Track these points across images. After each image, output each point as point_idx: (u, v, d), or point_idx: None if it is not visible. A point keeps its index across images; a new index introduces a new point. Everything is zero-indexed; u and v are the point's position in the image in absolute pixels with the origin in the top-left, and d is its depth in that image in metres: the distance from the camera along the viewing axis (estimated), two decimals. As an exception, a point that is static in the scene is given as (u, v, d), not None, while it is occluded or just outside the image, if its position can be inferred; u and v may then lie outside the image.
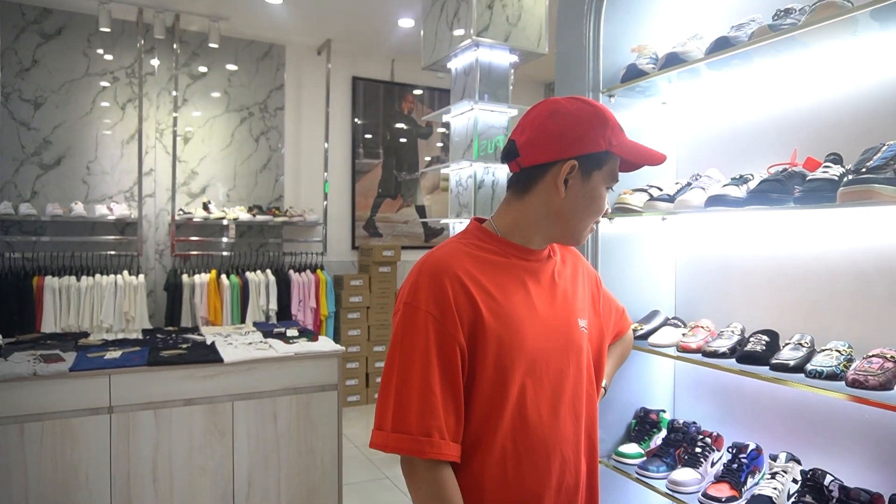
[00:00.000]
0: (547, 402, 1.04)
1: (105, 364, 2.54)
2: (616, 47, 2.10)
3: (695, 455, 1.87)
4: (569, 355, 1.09)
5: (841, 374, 1.43)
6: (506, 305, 1.02)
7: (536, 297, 1.07)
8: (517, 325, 1.02)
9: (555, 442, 1.05)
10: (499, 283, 1.04)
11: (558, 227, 1.09)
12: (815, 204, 1.42)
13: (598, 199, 1.08)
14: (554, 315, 1.08)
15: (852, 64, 1.66)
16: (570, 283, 1.16)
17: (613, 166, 1.09)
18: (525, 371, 1.02)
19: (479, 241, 1.09)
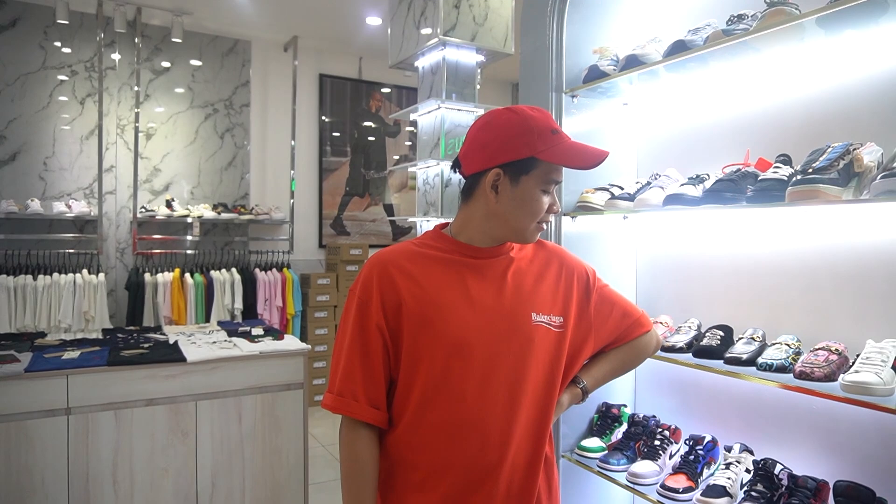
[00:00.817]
0: (474, 383, 1.13)
1: (63, 364, 2.48)
2: (578, 49, 2.14)
3: (654, 448, 1.92)
4: (509, 344, 1.15)
5: (790, 367, 1.49)
6: (433, 294, 1.14)
7: (475, 289, 1.17)
8: (442, 311, 1.13)
9: (477, 420, 1.12)
10: (431, 275, 1.16)
11: (500, 229, 1.19)
12: (766, 203, 1.48)
13: (530, 201, 1.15)
14: (495, 306, 1.16)
15: (800, 69, 1.73)
16: (530, 279, 1.22)
17: (546, 170, 1.15)
18: (448, 353, 1.12)
19: (431, 240, 1.22)
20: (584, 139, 2.20)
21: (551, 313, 1.20)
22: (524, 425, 1.16)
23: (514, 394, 1.15)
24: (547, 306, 1.21)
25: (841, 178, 1.39)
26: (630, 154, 2.30)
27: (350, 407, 1.14)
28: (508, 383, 1.14)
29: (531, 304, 1.19)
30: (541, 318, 1.19)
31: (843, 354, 1.46)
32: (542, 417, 1.18)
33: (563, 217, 2.13)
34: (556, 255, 1.29)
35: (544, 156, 1.12)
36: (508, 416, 1.14)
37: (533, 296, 1.20)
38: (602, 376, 1.32)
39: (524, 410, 1.16)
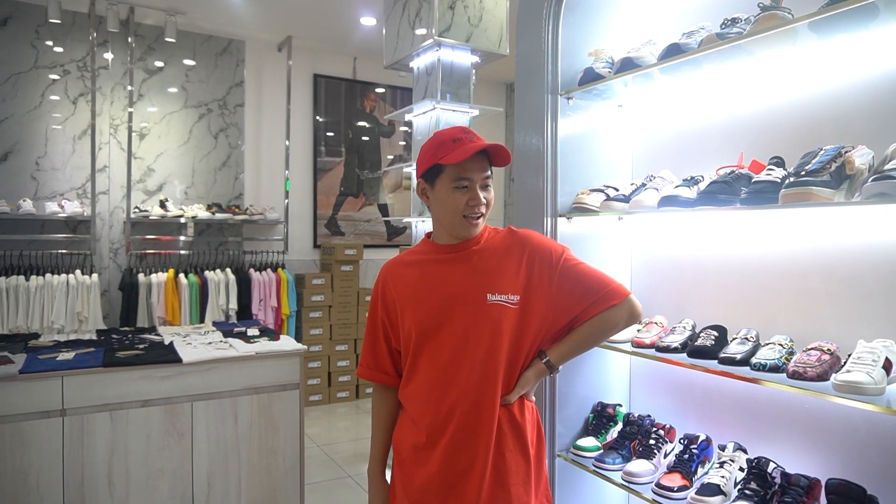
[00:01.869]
0: (438, 354, 1.40)
1: (57, 366, 2.47)
2: (574, 51, 2.16)
3: (649, 447, 1.93)
4: (464, 322, 1.39)
5: (783, 367, 1.51)
6: (412, 290, 1.45)
7: (442, 280, 1.42)
8: (416, 302, 1.43)
9: (438, 383, 1.40)
10: (413, 275, 1.46)
11: (442, 227, 1.45)
12: (760, 205, 1.50)
13: (446, 200, 1.39)
14: (455, 292, 1.41)
15: (793, 72, 1.75)
16: (492, 264, 1.42)
17: (450, 172, 1.38)
18: (420, 333, 1.41)
19: (420, 247, 1.53)
20: (579, 141, 2.24)
21: (509, 292, 1.39)
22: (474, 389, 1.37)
23: (466, 362, 1.38)
24: (503, 286, 1.39)
25: (833, 180, 1.41)
26: (625, 156, 2.32)
27: (367, 373, 1.53)
28: (461, 353, 1.38)
29: (488, 286, 1.39)
30: (497, 298, 1.38)
31: (835, 354, 1.49)
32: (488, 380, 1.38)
33: (559, 218, 2.14)
34: (521, 240, 1.46)
35: (443, 161, 1.37)
36: (470, 377, 1.38)
37: (492, 278, 1.40)
38: (567, 350, 1.45)
39: (475, 375, 1.38)
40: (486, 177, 1.41)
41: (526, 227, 2.23)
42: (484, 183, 1.40)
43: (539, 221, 2.17)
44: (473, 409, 1.38)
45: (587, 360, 2.23)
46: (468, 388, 1.38)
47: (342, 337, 5.38)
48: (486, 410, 1.38)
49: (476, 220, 1.40)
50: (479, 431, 1.37)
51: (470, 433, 1.38)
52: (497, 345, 1.38)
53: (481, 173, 1.39)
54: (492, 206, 1.44)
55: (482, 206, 1.40)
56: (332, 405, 5.29)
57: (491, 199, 1.43)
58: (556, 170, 2.16)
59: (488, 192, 1.42)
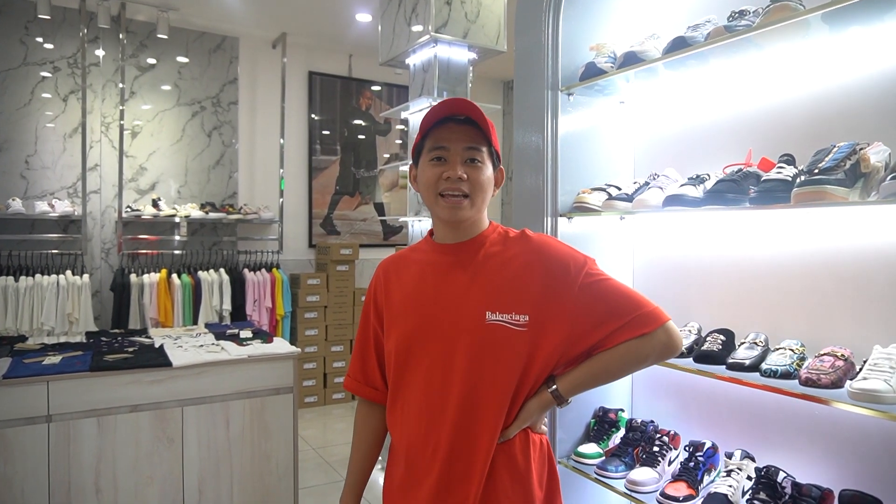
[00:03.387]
0: (419, 378, 1.20)
1: (43, 370, 2.40)
2: (575, 45, 2.09)
3: (652, 454, 1.87)
4: (455, 343, 1.17)
5: (794, 373, 1.45)
6: (404, 296, 1.26)
7: (438, 289, 1.22)
8: (405, 311, 1.24)
9: (439, 413, 1.18)
10: (408, 277, 1.28)
11: (432, 214, 1.26)
12: (770, 204, 1.44)
13: (423, 176, 1.22)
14: (450, 306, 1.19)
15: (804, 66, 1.69)
16: (496, 277, 1.20)
17: (429, 143, 1.22)
18: (404, 349, 1.22)
19: (421, 244, 1.33)
20: (580, 138, 2.17)
21: (513, 311, 1.15)
22: (457, 423, 1.16)
23: (457, 391, 1.16)
24: (509, 303, 1.16)
25: (848, 178, 1.35)
26: (627, 154, 2.25)
27: (353, 386, 1.35)
28: (449, 380, 1.17)
29: (488, 302, 1.17)
30: (497, 317, 1.15)
31: (850, 360, 1.43)
32: (477, 416, 1.16)
33: (560, 218, 2.08)
34: (535, 247, 1.21)
35: (420, 136, 1.23)
36: (452, 412, 1.17)
37: (494, 292, 1.17)
38: (582, 381, 1.20)
39: (461, 408, 1.16)
40: (469, 148, 1.18)
41: (525, 227, 2.16)
42: (468, 156, 1.18)
43: (539, 221, 2.10)
44: (464, 447, 1.16)
45: (588, 363, 2.17)
46: (458, 421, 1.16)
47: (338, 338, 5.31)
48: (478, 450, 1.15)
49: (455, 198, 1.17)
50: (469, 474, 1.15)
51: (459, 475, 1.16)
52: (495, 373, 1.15)
53: (461, 143, 1.17)
54: (485, 191, 1.20)
55: (461, 181, 1.16)
56: (327, 407, 5.22)
57: (480, 181, 1.18)
58: (556, 168, 2.09)
59: (475, 170, 1.18)
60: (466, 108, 1.19)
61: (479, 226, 1.25)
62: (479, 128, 1.19)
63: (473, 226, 1.24)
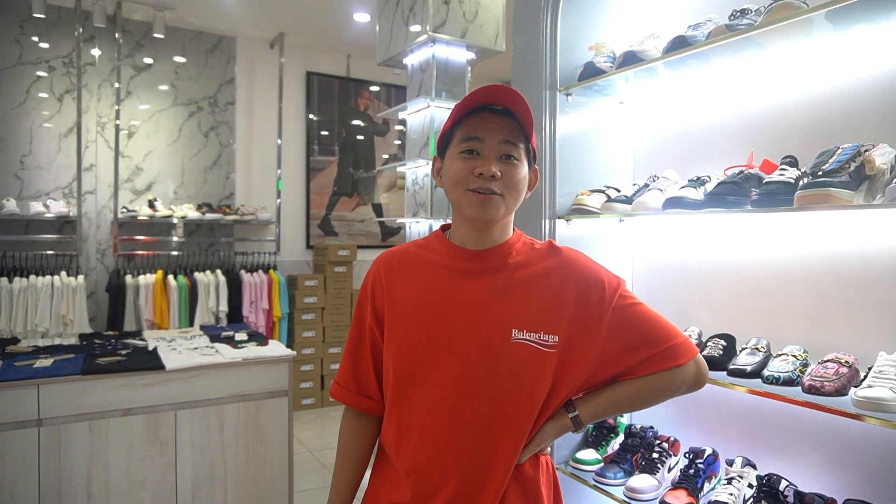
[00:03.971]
0: (432, 393, 1.09)
1: (34, 373, 2.36)
2: (573, 45, 2.06)
3: (652, 461, 1.84)
4: (478, 360, 1.07)
5: (797, 380, 1.42)
6: (414, 298, 1.12)
7: (458, 298, 1.10)
8: (418, 317, 1.11)
9: (450, 435, 1.07)
10: (418, 278, 1.14)
11: (455, 213, 1.14)
12: (773, 207, 1.40)
13: (451, 169, 1.10)
14: (473, 319, 1.08)
15: (806, 66, 1.66)
16: (524, 291, 1.09)
17: (460, 134, 1.09)
18: (414, 360, 1.10)
19: (431, 242, 1.19)
20: (579, 139, 2.14)
21: (542, 331, 1.07)
22: (475, 447, 1.07)
23: (472, 413, 1.06)
24: (536, 323, 1.07)
25: (852, 181, 1.31)
26: (626, 155, 2.22)
27: (342, 394, 1.20)
28: (465, 400, 1.07)
29: (515, 320, 1.07)
30: (524, 336, 1.06)
31: (854, 367, 1.39)
32: (497, 440, 1.06)
33: (558, 220, 2.05)
34: (567, 263, 1.13)
35: (452, 122, 1.10)
36: (465, 436, 1.06)
37: (521, 310, 1.08)
38: (604, 409, 1.13)
39: (478, 430, 1.06)
40: (507, 141, 1.06)
41: (524, 230, 2.12)
42: (504, 151, 1.06)
43: (537, 224, 2.07)
44: (478, 471, 1.06)
45: (587, 368, 2.14)
46: (473, 445, 1.06)
47: (335, 339, 5.27)
48: (494, 474, 1.06)
49: (486, 195, 1.05)
50: (481, 499, 1.06)
51: (469, 500, 1.06)
52: (516, 396, 1.06)
53: (499, 135, 1.05)
54: (519, 192, 1.09)
55: (494, 179, 1.04)
56: (324, 409, 5.18)
57: (515, 181, 1.07)
58: (554, 170, 2.06)
59: (511, 168, 1.06)
60: (507, 96, 1.06)
61: (506, 232, 1.14)
62: (518, 121, 1.08)
63: (501, 231, 1.13)
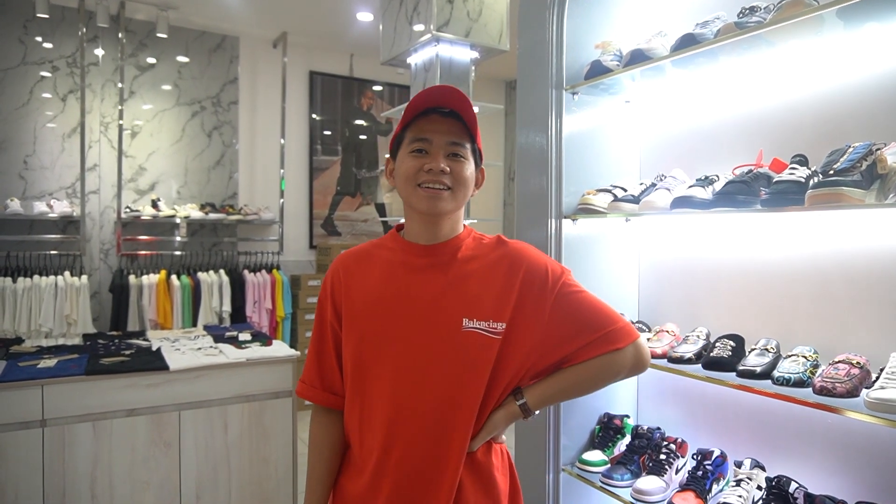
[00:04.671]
0: (388, 384, 1.14)
1: (38, 374, 2.36)
2: (579, 43, 2.05)
3: (659, 462, 1.83)
4: (430, 349, 1.13)
5: (808, 381, 1.40)
6: (368, 295, 1.18)
7: (411, 292, 1.16)
8: (372, 313, 1.17)
9: (405, 422, 1.13)
10: (373, 276, 1.20)
11: (407, 208, 1.20)
12: (783, 206, 1.39)
13: (402, 167, 1.17)
14: (426, 311, 1.15)
15: (817, 64, 1.64)
16: (474, 282, 1.16)
17: (410, 134, 1.17)
18: (370, 353, 1.16)
19: (386, 240, 1.25)
20: (585, 138, 2.13)
21: (490, 319, 1.13)
22: (430, 434, 1.13)
23: (427, 400, 1.13)
24: (485, 311, 1.13)
25: (864, 180, 1.30)
26: (632, 154, 2.21)
27: (308, 392, 1.24)
28: (420, 388, 1.13)
29: (466, 309, 1.14)
30: (474, 325, 1.13)
31: (865, 368, 1.38)
32: (451, 426, 1.12)
33: (564, 220, 2.04)
34: (512, 254, 1.19)
35: (401, 126, 1.18)
36: (416, 421, 1.13)
37: (472, 300, 1.14)
38: (550, 395, 1.19)
39: (433, 419, 1.13)
40: (454, 143, 1.14)
41: (529, 229, 2.12)
42: (450, 150, 1.14)
43: (543, 223, 2.06)
44: (433, 458, 1.12)
45: (593, 368, 2.12)
46: (429, 431, 1.12)
47: (339, 339, 5.25)
48: (449, 461, 1.12)
49: (435, 190, 1.13)
50: (438, 486, 1.11)
51: (425, 486, 1.12)
52: (467, 382, 1.12)
53: (445, 136, 1.14)
54: (466, 187, 1.17)
55: (444, 174, 1.12)
56: (328, 409, 5.16)
57: (463, 177, 1.15)
58: (560, 169, 2.05)
59: (458, 164, 1.15)
60: (452, 99, 1.14)
61: (456, 228, 1.22)
62: (463, 122, 1.17)
63: (451, 226, 1.20)
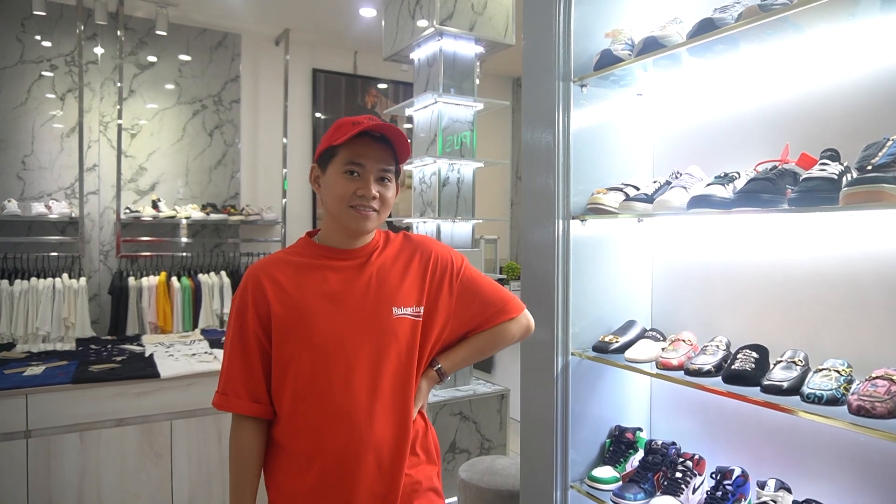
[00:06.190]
0: (339, 378, 1.23)
1: (22, 382, 2.26)
2: (589, 32, 1.92)
3: (675, 481, 1.70)
4: (370, 340, 1.26)
5: (842, 399, 1.27)
6: (297, 301, 1.25)
7: (338, 292, 1.27)
8: (306, 317, 1.24)
9: (344, 412, 1.23)
10: (297, 282, 1.27)
11: (332, 222, 1.30)
12: (814, 206, 1.26)
13: (334, 185, 1.26)
14: (357, 306, 1.27)
15: (849, 50, 1.51)
16: (394, 274, 1.32)
17: (343, 155, 1.25)
18: (314, 354, 1.23)
19: (300, 248, 1.34)
20: (594, 134, 1.99)
21: (413, 304, 1.31)
22: (388, 411, 1.27)
23: (376, 384, 1.25)
24: (408, 298, 1.31)
25: (906, 176, 1.17)
26: (645, 151, 2.08)
27: (232, 403, 1.26)
28: (371, 375, 1.25)
29: (393, 299, 1.29)
30: (403, 311, 1.29)
31: (907, 385, 1.24)
32: (403, 401, 1.28)
33: (572, 220, 1.91)
34: (420, 246, 1.38)
35: (336, 142, 1.24)
36: (371, 404, 1.25)
37: (396, 290, 1.30)
38: (461, 360, 1.41)
39: (387, 398, 1.27)
40: (383, 169, 1.27)
41: (535, 230, 2.00)
42: (381, 175, 1.27)
43: (549, 224, 1.94)
44: (397, 438, 1.27)
45: (602, 377, 2.00)
46: (389, 415, 1.26)
47: (342, 342, 5.15)
48: (406, 436, 1.28)
49: (366, 212, 1.26)
50: (400, 460, 1.27)
51: (391, 463, 1.26)
52: (405, 362, 1.29)
53: (378, 163, 1.26)
54: (390, 207, 1.31)
55: (373, 199, 1.26)
56: (331, 414, 5.06)
57: (388, 199, 1.29)
58: (568, 166, 1.92)
59: (385, 188, 1.28)
60: (385, 128, 1.25)
61: (373, 233, 1.36)
62: (392, 147, 1.28)
63: (371, 233, 1.34)
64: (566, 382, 1.93)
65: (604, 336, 1.89)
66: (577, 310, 1.95)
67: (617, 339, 1.85)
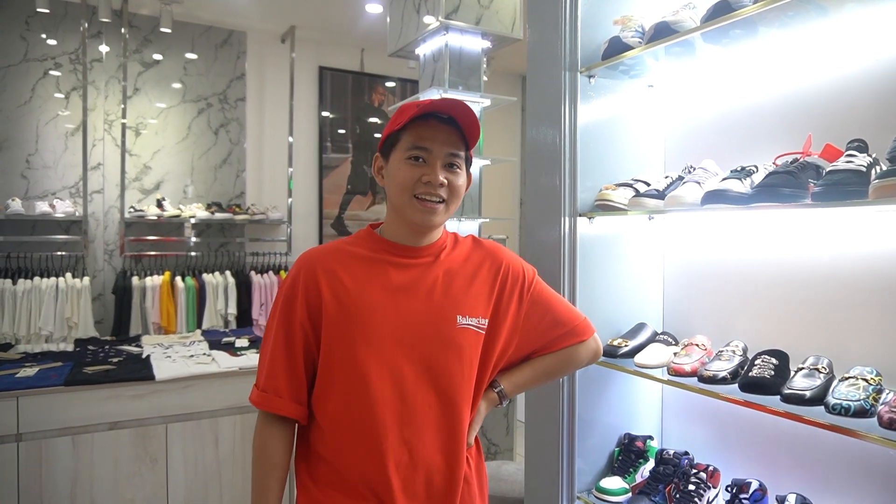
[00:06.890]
0: (391, 386, 1.12)
1: (13, 384, 2.21)
2: (596, 19, 1.83)
3: (688, 494, 1.60)
4: (430, 348, 1.14)
5: (871, 410, 1.17)
6: (355, 296, 1.13)
7: (401, 292, 1.15)
8: (363, 314, 1.12)
9: (395, 422, 1.12)
10: (356, 275, 1.15)
11: (397, 217, 1.19)
12: (842, 200, 1.16)
13: (397, 172, 1.15)
14: (420, 309, 1.15)
15: (877, 33, 1.40)
16: (461, 281, 1.20)
17: (407, 139, 1.14)
18: (367, 356, 1.11)
19: (362, 240, 1.22)
20: (603, 127, 1.90)
21: (479, 315, 1.19)
22: (441, 429, 1.15)
23: (432, 400, 1.14)
24: (475, 308, 1.19)
25: (943, 167, 1.07)
26: (656, 144, 1.98)
27: (273, 403, 1.15)
28: (427, 389, 1.14)
29: (458, 307, 1.17)
30: (467, 321, 1.17)
31: (943, 395, 1.14)
32: (459, 423, 1.16)
33: (579, 218, 1.82)
34: (491, 254, 1.27)
35: (399, 125, 1.14)
36: (424, 422, 1.14)
37: (461, 298, 1.18)
38: (524, 382, 1.30)
39: (443, 416, 1.15)
40: (451, 153, 1.15)
41: (540, 229, 1.91)
42: (449, 161, 1.15)
43: (555, 222, 1.84)
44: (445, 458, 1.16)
45: (611, 382, 1.91)
46: (436, 431, 1.14)
47: (348, 343, 5.08)
48: (460, 456, 1.17)
49: (432, 204, 1.13)
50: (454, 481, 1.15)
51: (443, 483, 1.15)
52: (468, 377, 1.17)
53: (445, 147, 1.14)
54: (459, 197, 1.18)
55: (441, 187, 1.13)
56: (337, 416, 5.00)
57: (457, 188, 1.16)
58: (575, 162, 1.83)
59: (454, 176, 1.16)
60: (454, 107, 1.13)
61: (440, 230, 1.25)
62: (461, 131, 1.16)
63: (437, 231, 1.23)
64: (573, 387, 1.84)
65: (612, 339, 1.80)
66: (584, 311, 1.83)
67: (626, 343, 1.75)
